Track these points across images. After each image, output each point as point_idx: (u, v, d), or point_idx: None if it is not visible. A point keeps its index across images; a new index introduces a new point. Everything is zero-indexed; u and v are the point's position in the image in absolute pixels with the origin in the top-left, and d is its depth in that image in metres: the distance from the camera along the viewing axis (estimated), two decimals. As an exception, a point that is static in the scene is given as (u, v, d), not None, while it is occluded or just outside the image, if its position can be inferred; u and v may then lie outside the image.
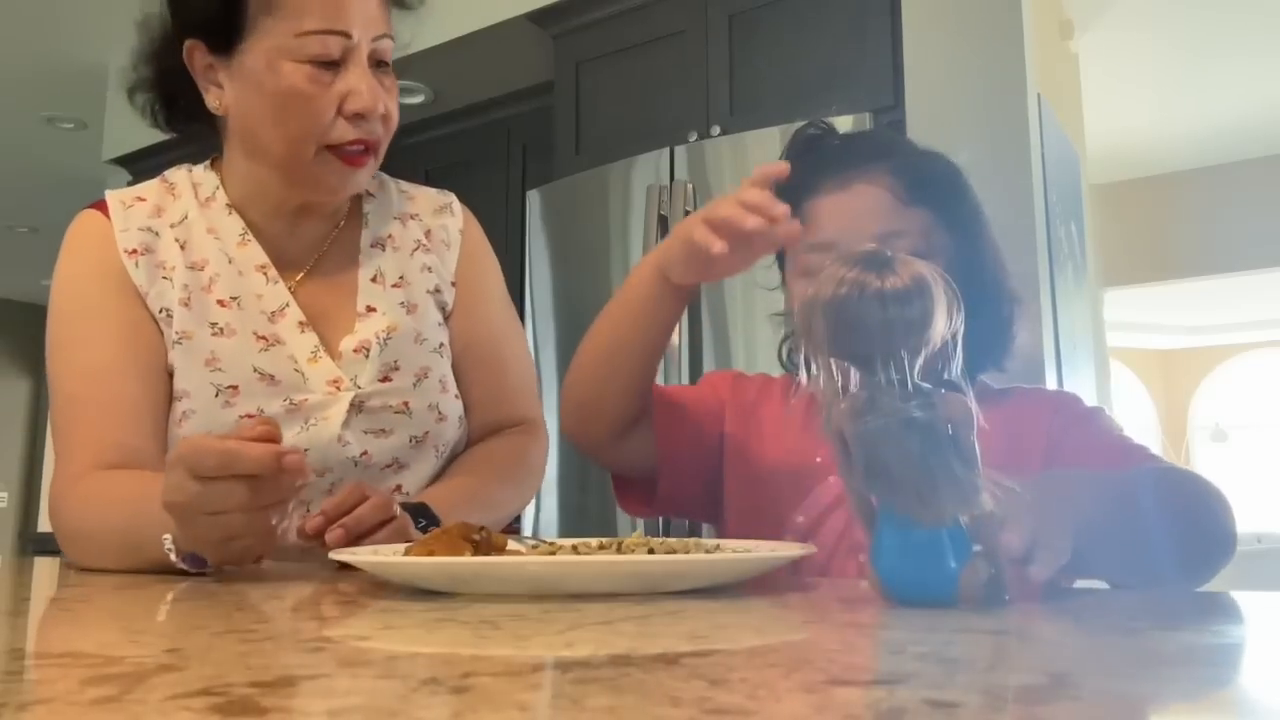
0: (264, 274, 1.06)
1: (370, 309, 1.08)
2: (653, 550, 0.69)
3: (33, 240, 6.54)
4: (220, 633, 0.47)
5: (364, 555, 0.67)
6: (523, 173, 3.19)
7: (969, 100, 2.27)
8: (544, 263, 2.70)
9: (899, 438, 0.54)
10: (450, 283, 1.15)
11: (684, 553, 0.68)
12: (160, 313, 1.03)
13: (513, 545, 0.73)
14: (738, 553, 0.68)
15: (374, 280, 1.10)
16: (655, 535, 0.81)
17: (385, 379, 1.05)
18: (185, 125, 1.08)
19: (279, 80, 0.97)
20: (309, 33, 0.96)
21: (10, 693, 0.34)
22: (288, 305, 1.06)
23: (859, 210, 0.89)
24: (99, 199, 1.09)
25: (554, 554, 0.70)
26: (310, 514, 0.85)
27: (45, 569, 0.97)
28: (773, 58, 2.55)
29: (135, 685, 0.33)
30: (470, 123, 3.44)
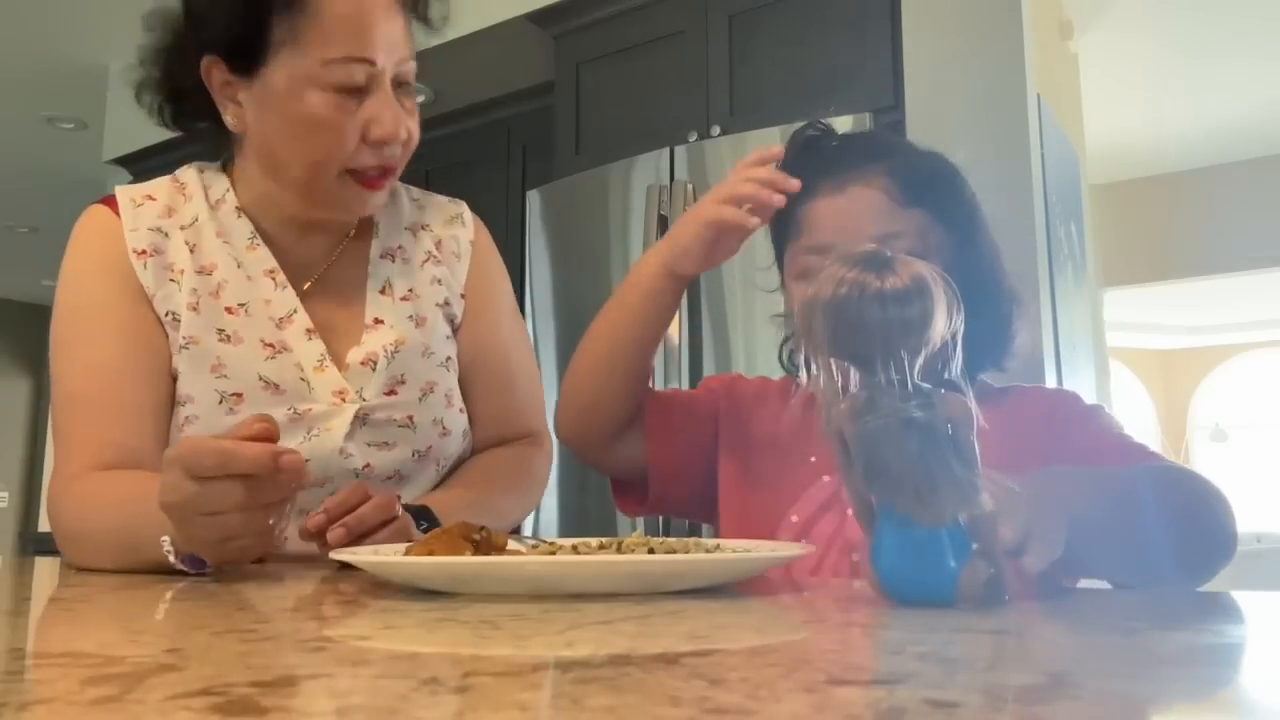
0: (272, 279, 1.05)
1: (378, 321, 1.07)
2: (653, 550, 0.70)
3: (33, 240, 6.53)
4: (220, 632, 0.47)
5: (364, 555, 0.67)
6: (523, 173, 3.19)
7: (969, 101, 2.27)
8: (544, 263, 2.71)
9: (899, 438, 0.54)
10: (460, 295, 1.15)
11: (684, 553, 0.68)
12: (166, 315, 1.02)
13: (513, 545, 0.73)
14: (738, 553, 0.68)
15: (382, 292, 1.09)
16: (655, 535, 0.81)
17: (391, 392, 1.05)
18: (192, 124, 1.07)
19: (303, 107, 0.96)
20: (335, 61, 0.95)
21: (10, 692, 0.34)
22: (295, 311, 1.05)
23: (855, 213, 0.89)
24: (109, 194, 1.07)
25: (554, 554, 0.70)
26: (313, 513, 0.85)
27: (45, 569, 0.97)
28: (773, 58, 2.55)
29: (135, 685, 0.33)
30: (470, 123, 3.43)
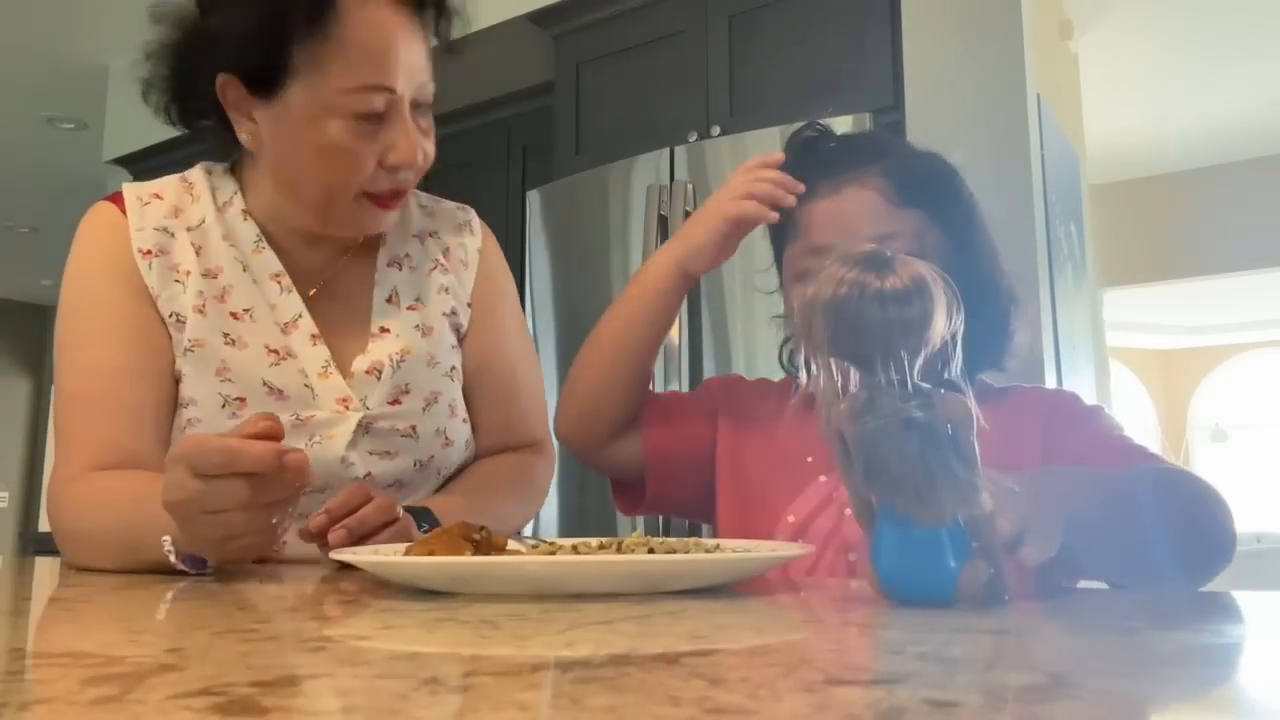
0: (278, 283, 1.05)
1: (384, 330, 1.07)
2: (653, 550, 0.70)
3: (33, 240, 6.54)
4: (221, 632, 0.47)
5: (364, 555, 0.67)
6: (523, 173, 3.19)
7: (968, 101, 2.27)
8: (544, 263, 2.70)
9: (898, 438, 0.54)
10: (466, 304, 1.14)
11: (684, 553, 0.68)
12: (170, 317, 1.01)
13: (513, 545, 0.73)
14: (738, 553, 0.68)
15: (389, 300, 1.09)
16: (655, 535, 0.81)
17: (395, 401, 1.04)
18: (199, 122, 1.05)
19: (321, 133, 0.95)
20: (355, 89, 0.94)
21: (11, 692, 0.34)
22: (300, 316, 1.04)
23: (851, 214, 0.90)
24: (116, 191, 1.07)
25: (554, 554, 0.70)
26: (314, 514, 0.85)
27: (46, 569, 0.97)
28: (773, 58, 2.55)
29: (136, 685, 0.33)
30: (470, 123, 3.43)
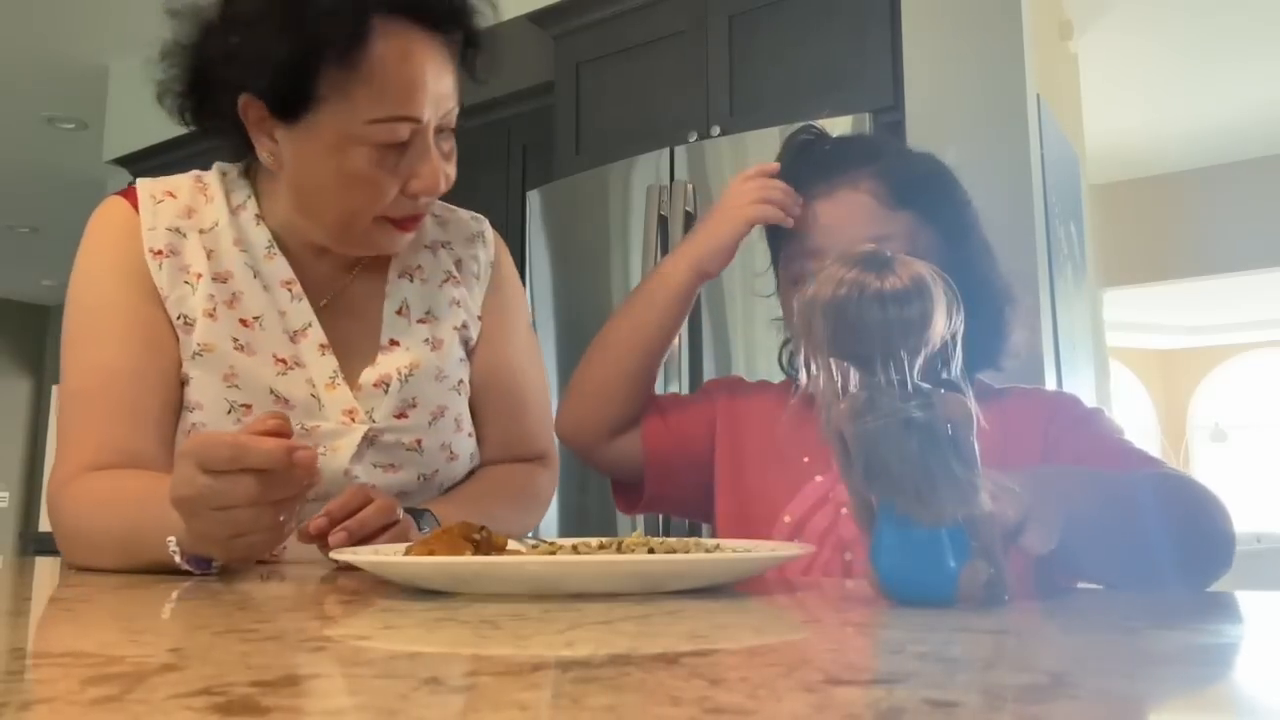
0: (289, 290, 1.04)
1: (393, 342, 1.06)
2: (653, 550, 0.70)
3: (33, 240, 6.54)
4: (221, 632, 0.47)
5: (365, 555, 0.67)
6: (523, 173, 3.19)
7: (968, 101, 2.27)
8: (544, 263, 2.70)
9: (898, 438, 0.54)
10: (476, 317, 1.14)
11: (684, 553, 0.68)
12: (178, 319, 1.00)
13: (513, 545, 0.73)
14: (738, 553, 0.68)
15: (399, 313, 1.08)
16: (655, 535, 0.81)
17: (401, 415, 1.04)
18: (214, 123, 1.03)
19: (345, 161, 0.94)
20: (381, 120, 0.93)
21: (11, 692, 0.34)
22: (310, 325, 1.03)
23: (843, 217, 0.91)
24: (129, 185, 1.06)
25: (554, 554, 0.70)
26: (314, 516, 0.85)
27: (46, 569, 0.97)
28: (773, 58, 2.55)
29: (136, 685, 0.33)
30: (470, 123, 3.42)
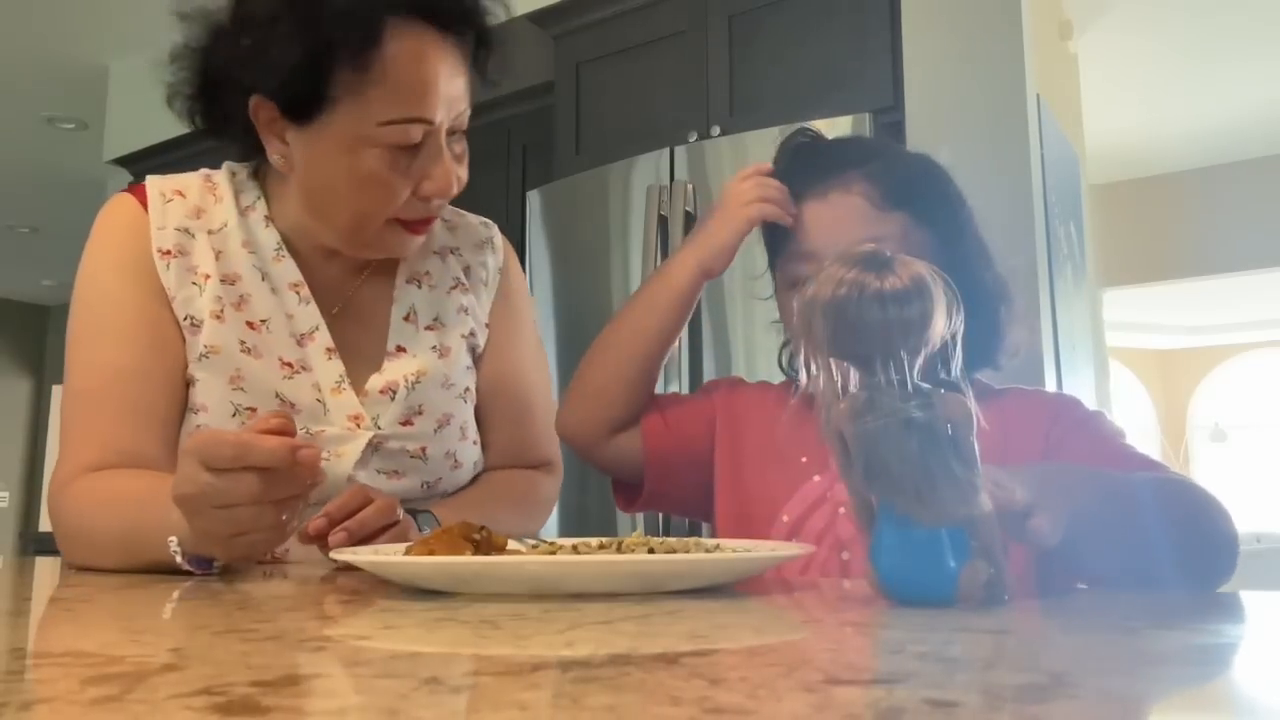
0: (297, 292, 1.03)
1: (400, 349, 1.06)
2: (653, 550, 0.70)
3: (33, 240, 6.54)
4: (221, 632, 0.47)
5: (365, 555, 0.67)
6: (523, 173, 3.19)
7: (968, 101, 2.27)
8: (544, 263, 2.70)
9: (898, 438, 0.54)
10: (484, 324, 1.14)
11: (684, 553, 0.68)
12: (185, 319, 1.00)
13: (513, 545, 0.74)
14: (738, 553, 0.68)
15: (407, 319, 1.08)
16: (655, 535, 0.81)
17: (407, 422, 1.03)
18: (224, 126, 1.02)
19: (357, 163, 0.94)
20: (394, 122, 0.93)
21: (12, 692, 0.34)
22: (317, 329, 1.03)
23: (835, 220, 0.91)
24: (137, 183, 1.05)
25: (554, 554, 0.70)
26: (314, 517, 0.84)
27: (46, 569, 0.97)
28: (773, 58, 2.55)
29: (136, 685, 0.33)
30: (470, 123, 3.43)
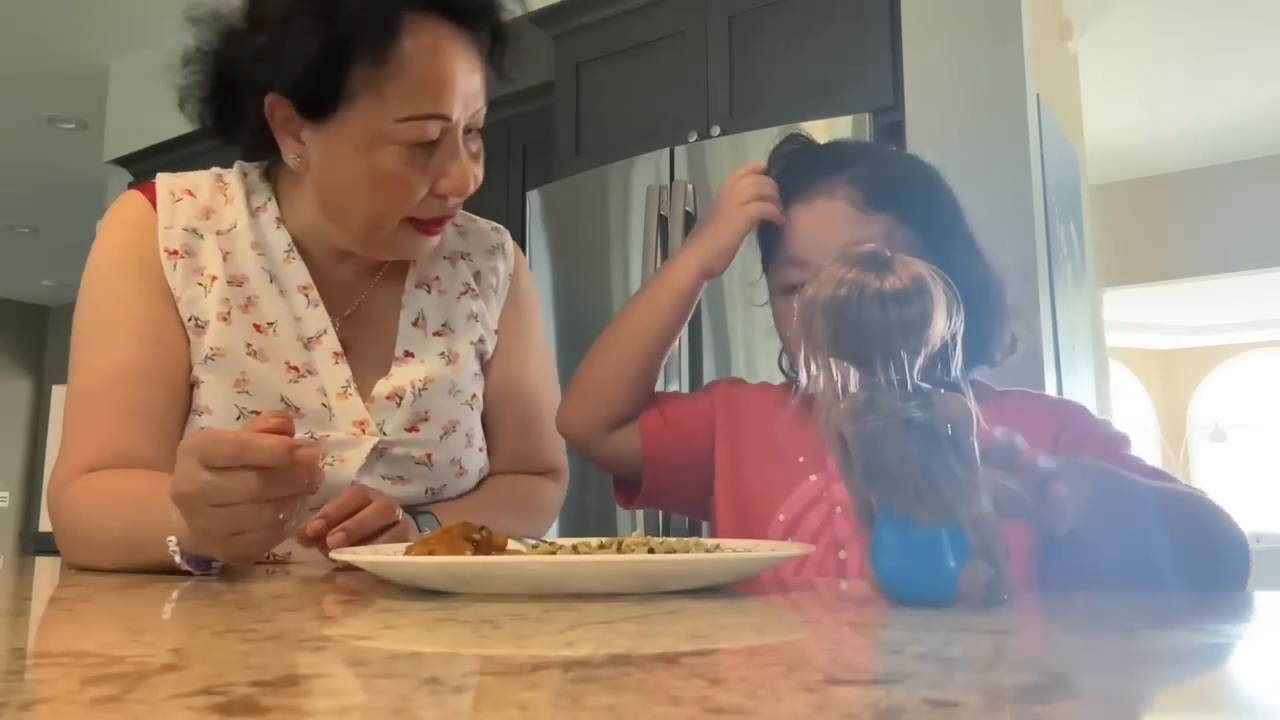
0: (305, 295, 1.03)
1: (408, 354, 1.06)
2: (653, 550, 0.70)
3: (33, 240, 6.54)
4: (221, 632, 0.47)
5: (364, 555, 0.67)
6: (523, 173, 3.19)
7: (968, 101, 2.27)
8: (544, 263, 2.70)
9: (898, 438, 0.54)
10: (493, 330, 1.13)
11: (684, 553, 0.68)
12: (190, 320, 0.99)
13: (513, 545, 0.74)
14: (738, 553, 0.68)
15: (415, 324, 1.07)
16: (655, 535, 0.81)
17: (413, 429, 1.03)
18: (237, 126, 1.01)
19: (374, 161, 0.93)
20: (412, 118, 0.92)
21: (12, 692, 0.34)
22: (325, 332, 1.02)
23: (819, 225, 0.92)
24: (149, 180, 1.04)
25: (554, 554, 0.70)
26: (312, 518, 0.84)
27: (46, 569, 0.97)
28: (773, 58, 2.55)
29: (136, 685, 0.33)
30: (473, 123, 3.43)
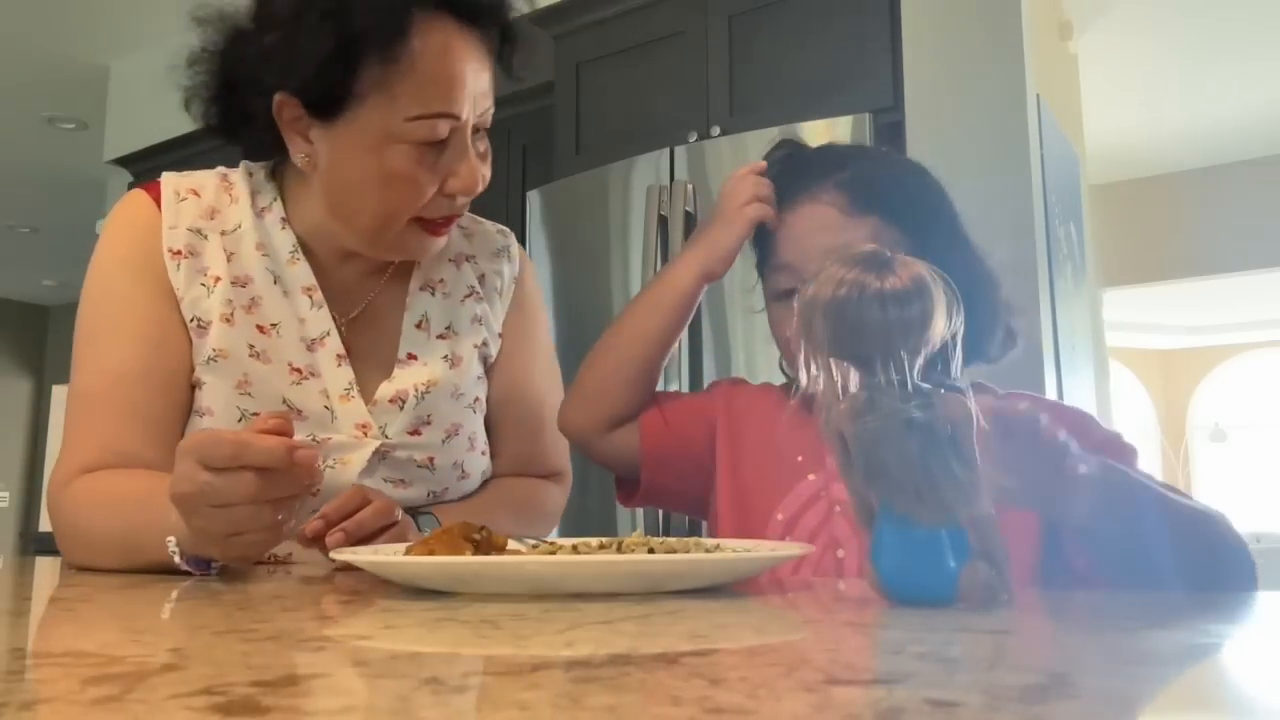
0: (309, 296, 1.02)
1: (412, 357, 1.05)
2: (653, 550, 0.70)
3: (33, 240, 6.54)
4: (222, 632, 0.47)
5: (364, 555, 0.67)
6: (523, 173, 3.19)
7: (968, 101, 2.27)
8: (544, 263, 2.70)
9: (898, 438, 0.54)
10: (497, 334, 1.13)
11: (684, 552, 0.68)
12: (191, 321, 0.99)
13: (513, 545, 0.74)
14: (738, 553, 0.68)
15: (419, 326, 1.07)
16: (655, 535, 0.81)
17: (415, 432, 1.03)
18: (244, 126, 1.00)
19: (384, 161, 0.93)
20: (421, 117, 0.92)
21: (12, 692, 0.34)
22: (329, 334, 1.02)
23: (807, 230, 0.93)
24: (153, 180, 1.04)
25: (554, 554, 0.70)
26: (311, 519, 0.84)
27: (46, 569, 0.97)
28: (773, 58, 2.55)
29: (137, 684, 0.33)
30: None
